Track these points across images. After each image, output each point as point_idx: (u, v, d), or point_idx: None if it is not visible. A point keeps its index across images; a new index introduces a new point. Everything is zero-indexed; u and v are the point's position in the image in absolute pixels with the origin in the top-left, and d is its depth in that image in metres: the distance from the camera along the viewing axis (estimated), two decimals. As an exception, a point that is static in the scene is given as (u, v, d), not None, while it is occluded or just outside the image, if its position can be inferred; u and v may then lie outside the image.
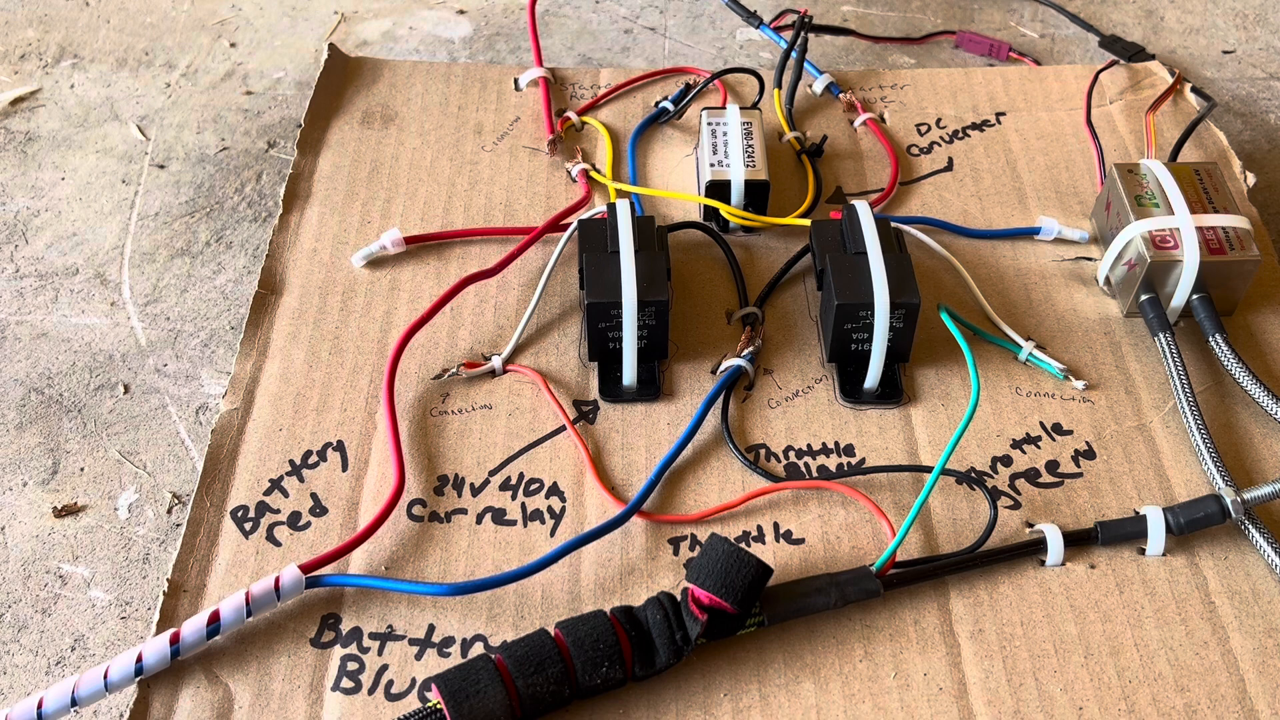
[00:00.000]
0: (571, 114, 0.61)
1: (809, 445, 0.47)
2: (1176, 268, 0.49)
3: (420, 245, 0.54)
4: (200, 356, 0.52)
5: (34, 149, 0.62)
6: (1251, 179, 0.58)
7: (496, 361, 0.49)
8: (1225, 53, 0.71)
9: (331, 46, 0.64)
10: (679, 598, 0.40)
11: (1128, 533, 0.44)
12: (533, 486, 0.46)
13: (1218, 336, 0.49)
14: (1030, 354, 0.50)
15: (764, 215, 0.55)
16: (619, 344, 0.48)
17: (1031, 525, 0.44)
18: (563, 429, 0.47)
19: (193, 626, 0.39)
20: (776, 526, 0.44)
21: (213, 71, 0.68)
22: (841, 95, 0.63)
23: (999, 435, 0.48)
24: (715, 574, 0.38)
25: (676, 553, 0.44)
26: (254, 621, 0.41)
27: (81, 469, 0.48)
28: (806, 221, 0.54)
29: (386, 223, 0.55)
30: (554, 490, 0.46)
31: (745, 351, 0.49)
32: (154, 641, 0.39)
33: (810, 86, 0.64)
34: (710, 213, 0.55)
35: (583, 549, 0.43)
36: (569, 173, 0.58)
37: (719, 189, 0.54)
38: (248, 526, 0.44)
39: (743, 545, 0.42)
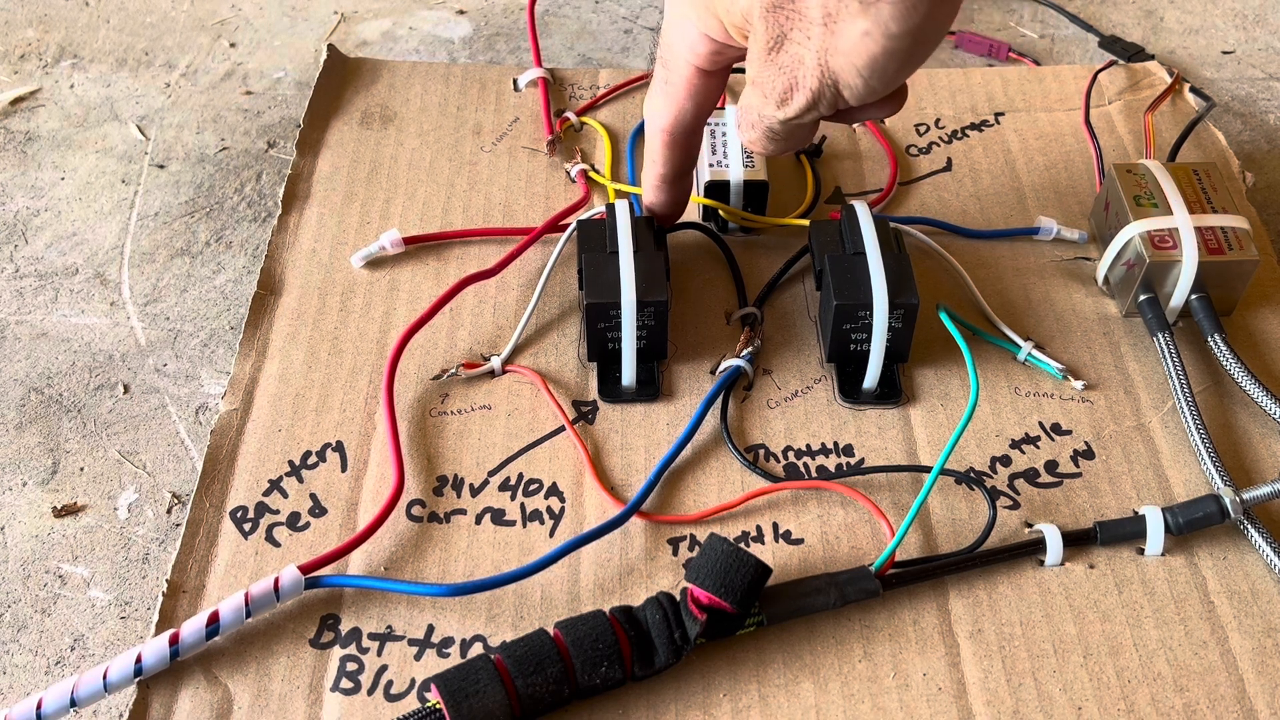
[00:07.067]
0: (570, 114, 0.61)
1: (808, 445, 0.47)
2: (1175, 268, 0.49)
3: (419, 246, 0.54)
4: (200, 356, 0.52)
5: (34, 149, 0.62)
6: (1251, 179, 0.58)
7: (496, 362, 0.49)
8: (1225, 53, 0.71)
9: (331, 47, 0.64)
10: (678, 598, 0.40)
11: (1127, 533, 0.44)
12: (532, 487, 0.46)
13: (1216, 336, 0.49)
14: (1029, 354, 0.50)
15: (763, 215, 0.55)
16: (618, 344, 0.48)
17: (1031, 525, 0.44)
18: (562, 429, 0.47)
19: (192, 627, 0.39)
20: (776, 526, 0.44)
21: (213, 71, 0.68)
22: (841, 95, 0.63)
23: (998, 435, 0.48)
24: (714, 574, 0.38)
25: (676, 553, 0.44)
26: (253, 622, 0.41)
27: (81, 469, 0.48)
28: (805, 222, 0.54)
29: (386, 223, 0.55)
30: (553, 490, 0.46)
31: (744, 352, 0.49)
32: (153, 642, 0.39)
33: (810, 87, 0.64)
34: (709, 213, 0.55)
35: (582, 549, 0.43)
36: (568, 173, 0.58)
37: (718, 189, 0.54)
38: (247, 527, 0.44)
39: (742, 545, 0.42)
